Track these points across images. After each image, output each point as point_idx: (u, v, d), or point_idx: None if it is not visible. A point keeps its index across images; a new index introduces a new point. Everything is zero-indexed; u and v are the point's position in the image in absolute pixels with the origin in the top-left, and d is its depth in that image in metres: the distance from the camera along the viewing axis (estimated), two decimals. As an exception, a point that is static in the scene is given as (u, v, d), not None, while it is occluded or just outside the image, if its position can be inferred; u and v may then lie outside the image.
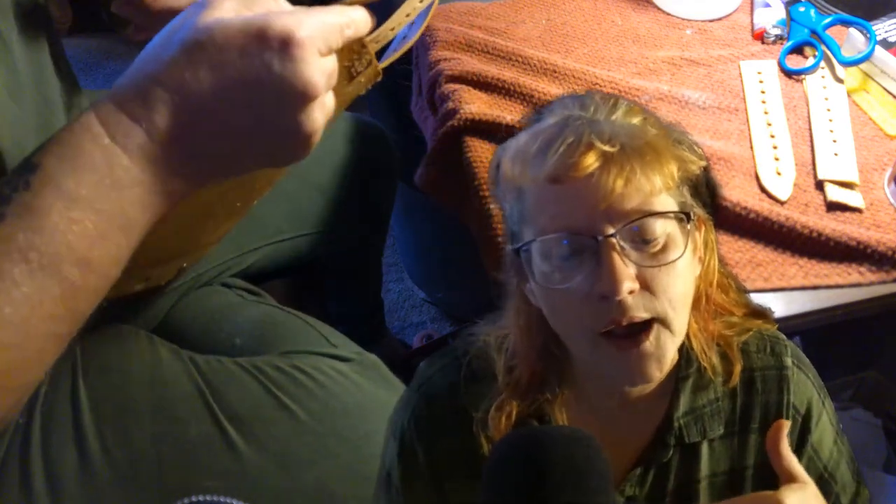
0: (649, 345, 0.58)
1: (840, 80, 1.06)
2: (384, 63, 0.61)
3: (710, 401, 0.67)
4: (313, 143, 0.52)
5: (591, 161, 0.56)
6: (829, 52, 1.08)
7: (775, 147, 0.98)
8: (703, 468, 0.68)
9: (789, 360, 0.69)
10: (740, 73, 1.09)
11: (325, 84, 0.50)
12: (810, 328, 0.87)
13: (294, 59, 0.48)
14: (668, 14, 1.19)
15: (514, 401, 0.66)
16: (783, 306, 0.84)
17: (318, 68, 0.49)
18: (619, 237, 0.57)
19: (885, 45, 1.04)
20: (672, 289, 0.58)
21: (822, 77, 1.06)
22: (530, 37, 1.15)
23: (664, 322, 0.58)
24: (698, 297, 0.64)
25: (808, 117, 1.02)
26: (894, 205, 0.91)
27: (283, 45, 0.47)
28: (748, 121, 1.02)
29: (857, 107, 1.03)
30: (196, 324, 1.00)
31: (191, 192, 0.51)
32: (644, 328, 0.58)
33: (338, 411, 0.90)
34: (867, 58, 1.04)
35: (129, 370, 0.86)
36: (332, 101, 0.53)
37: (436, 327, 1.75)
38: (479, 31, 1.14)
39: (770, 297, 0.84)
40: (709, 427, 0.67)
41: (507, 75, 1.06)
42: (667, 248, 0.58)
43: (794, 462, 0.61)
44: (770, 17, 1.15)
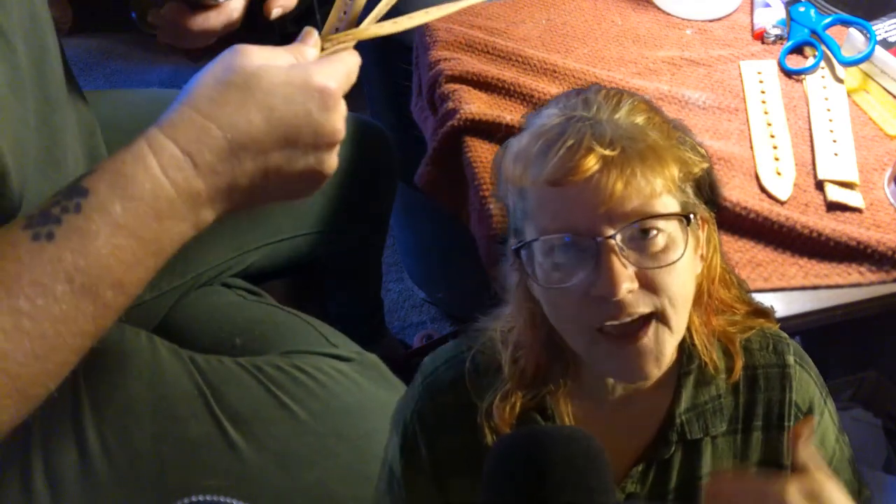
0: (648, 341, 0.58)
1: (840, 80, 1.06)
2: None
3: (713, 397, 0.68)
4: (324, 183, 0.60)
5: (591, 164, 0.56)
6: (829, 52, 1.08)
7: (775, 147, 0.98)
8: (706, 465, 0.68)
9: (792, 359, 0.69)
10: (740, 73, 1.09)
11: (344, 130, 0.58)
12: (810, 328, 0.87)
13: (329, 109, 0.57)
14: (668, 14, 1.19)
15: (520, 391, 0.67)
16: (783, 306, 0.84)
17: (342, 115, 0.58)
18: (618, 238, 0.57)
19: (885, 45, 1.04)
20: (672, 287, 0.58)
21: (822, 77, 1.06)
22: (530, 37, 1.15)
23: (663, 318, 0.59)
24: (700, 293, 0.64)
25: (808, 117, 1.02)
26: (894, 205, 0.91)
27: (322, 95, 0.56)
28: (748, 121, 1.02)
29: (857, 107, 1.03)
30: (196, 324, 1.01)
31: (217, 220, 0.57)
32: (642, 325, 0.58)
33: (338, 411, 0.90)
34: (867, 58, 1.04)
35: (129, 370, 0.86)
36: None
37: (436, 327, 1.75)
38: (478, 30, 1.14)
39: (770, 297, 0.84)
40: (711, 424, 0.67)
41: (507, 75, 1.06)
42: (667, 248, 0.58)
43: (814, 455, 0.59)
44: (770, 17, 1.15)
